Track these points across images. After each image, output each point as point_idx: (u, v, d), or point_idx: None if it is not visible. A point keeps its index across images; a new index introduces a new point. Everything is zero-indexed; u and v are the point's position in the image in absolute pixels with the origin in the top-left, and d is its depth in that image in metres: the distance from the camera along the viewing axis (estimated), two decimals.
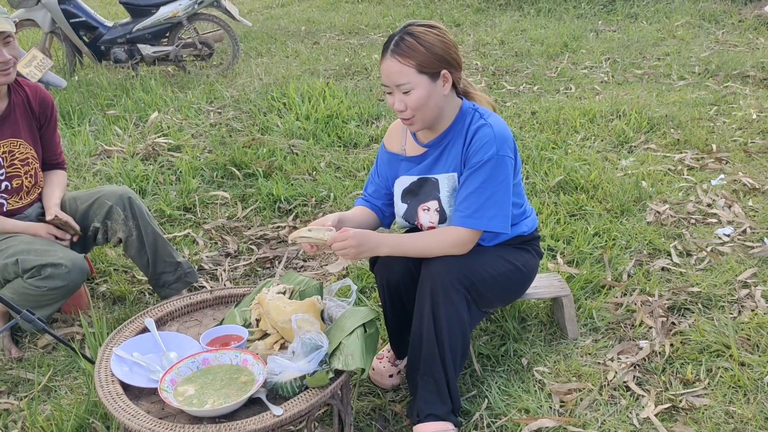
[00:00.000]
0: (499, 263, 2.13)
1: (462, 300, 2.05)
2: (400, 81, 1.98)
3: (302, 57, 6.73)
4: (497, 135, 2.02)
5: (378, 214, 2.32)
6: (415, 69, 1.96)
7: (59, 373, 2.47)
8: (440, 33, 2.01)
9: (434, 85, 2.00)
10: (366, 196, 2.35)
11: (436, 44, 1.98)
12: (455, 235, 2.05)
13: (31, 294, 2.44)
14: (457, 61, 2.04)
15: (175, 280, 2.79)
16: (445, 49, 2.00)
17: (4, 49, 2.47)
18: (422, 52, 1.96)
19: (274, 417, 1.73)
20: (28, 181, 2.70)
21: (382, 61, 2.02)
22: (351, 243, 1.98)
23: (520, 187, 2.23)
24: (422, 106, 2.00)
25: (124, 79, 5.92)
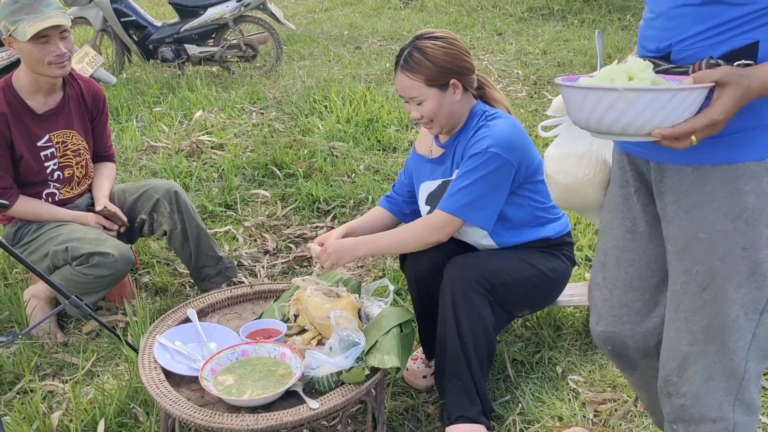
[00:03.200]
0: (523, 267, 2.14)
1: (484, 302, 2.06)
2: (412, 94, 2.10)
3: (344, 61, 6.80)
4: (493, 135, 2.06)
5: (397, 214, 2.38)
6: (423, 83, 2.06)
7: (102, 359, 2.55)
8: (446, 44, 2.08)
9: (444, 95, 2.09)
10: (391, 193, 2.44)
11: (443, 57, 2.06)
12: (429, 220, 2.11)
13: (79, 281, 2.52)
14: (465, 68, 2.11)
15: (215, 274, 2.85)
16: (451, 60, 2.07)
17: (60, 42, 2.56)
18: (429, 67, 2.05)
19: (311, 410, 1.77)
20: (79, 172, 2.79)
21: (395, 75, 2.14)
22: (329, 254, 2.14)
23: (544, 185, 2.21)
24: (436, 114, 2.10)
25: (171, 78, 6.06)
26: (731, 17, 1.20)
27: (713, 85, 1.14)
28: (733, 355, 1.35)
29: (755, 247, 1.28)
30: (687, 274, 1.36)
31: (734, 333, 1.33)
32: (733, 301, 1.32)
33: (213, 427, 1.72)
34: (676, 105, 1.10)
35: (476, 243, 2.20)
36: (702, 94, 1.12)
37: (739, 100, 1.14)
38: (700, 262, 1.33)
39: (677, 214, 1.36)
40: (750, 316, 1.32)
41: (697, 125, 1.14)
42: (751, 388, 1.39)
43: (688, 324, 1.38)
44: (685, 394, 1.41)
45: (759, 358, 1.37)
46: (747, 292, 1.31)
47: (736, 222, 1.27)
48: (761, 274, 1.29)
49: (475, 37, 7.85)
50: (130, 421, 2.18)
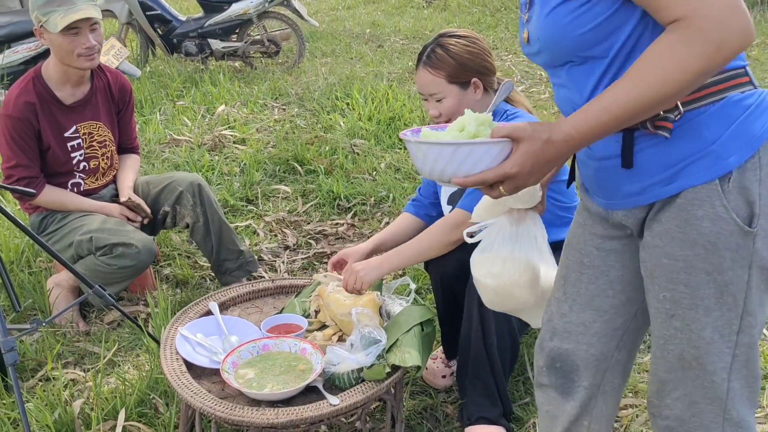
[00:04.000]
0: None
1: None
2: (432, 91, 2.10)
3: (366, 59, 6.80)
4: None
5: (423, 218, 2.37)
6: (445, 80, 2.07)
7: (123, 349, 2.57)
8: (470, 43, 2.09)
9: (465, 93, 2.09)
10: (417, 196, 2.42)
11: (465, 55, 2.07)
12: (447, 219, 2.08)
13: (102, 271, 2.54)
14: (487, 68, 2.11)
15: (236, 268, 2.86)
16: (473, 59, 2.07)
17: (90, 35, 2.59)
18: (451, 64, 2.06)
19: (331, 406, 1.77)
20: (104, 163, 2.82)
21: (417, 72, 2.14)
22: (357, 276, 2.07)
23: (565, 185, 2.19)
24: (455, 112, 2.09)
25: (194, 72, 6.09)
26: (603, 70, 1.21)
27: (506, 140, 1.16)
28: (714, 377, 1.31)
29: (719, 270, 1.23)
30: (656, 300, 1.33)
31: (712, 356, 1.29)
32: (705, 325, 1.28)
33: (233, 420, 1.73)
34: (463, 158, 1.15)
35: None
36: (492, 148, 1.15)
37: (538, 154, 1.14)
38: (665, 288, 1.29)
39: (645, 239, 1.32)
40: (726, 338, 1.28)
41: (487, 177, 1.17)
42: (738, 406, 1.35)
43: (663, 352, 1.35)
44: (668, 417, 1.39)
45: (745, 378, 1.33)
46: (719, 315, 1.27)
47: (694, 248, 1.23)
48: (729, 295, 1.25)
49: (498, 37, 7.81)
50: (150, 411, 2.20)
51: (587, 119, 1.12)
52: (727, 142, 1.18)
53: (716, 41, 1.04)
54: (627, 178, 1.28)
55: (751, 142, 1.18)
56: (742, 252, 1.22)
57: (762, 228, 1.21)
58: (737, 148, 1.18)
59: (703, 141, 1.19)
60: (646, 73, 1.08)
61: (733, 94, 1.20)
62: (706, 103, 1.19)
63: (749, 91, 1.22)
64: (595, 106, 1.12)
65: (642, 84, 1.09)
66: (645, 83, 1.08)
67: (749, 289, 1.25)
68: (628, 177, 1.27)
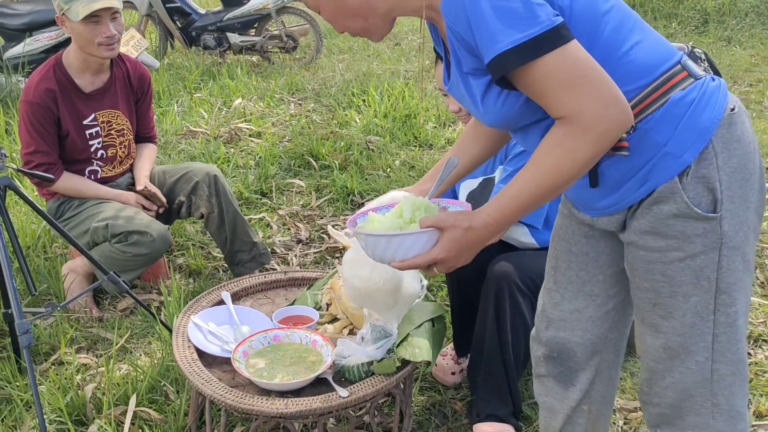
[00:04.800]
0: None
1: (527, 302, 2.05)
2: None
3: (383, 57, 6.80)
4: None
5: None
6: None
7: (136, 336, 2.59)
8: None
9: None
10: None
11: None
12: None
13: (117, 258, 2.57)
14: None
15: (249, 259, 2.88)
16: None
17: (111, 24, 2.61)
18: None
19: (340, 398, 1.77)
20: (122, 151, 2.84)
21: (436, 67, 2.11)
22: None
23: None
24: None
25: (212, 65, 6.12)
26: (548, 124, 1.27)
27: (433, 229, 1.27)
28: (696, 357, 1.38)
29: (691, 256, 1.30)
30: (639, 290, 1.40)
31: (695, 338, 1.36)
32: (685, 311, 1.35)
33: (243, 409, 1.74)
34: (396, 246, 1.27)
35: (516, 241, 2.19)
36: (420, 237, 1.27)
37: (460, 240, 1.26)
38: (645, 279, 1.36)
39: (624, 235, 1.39)
40: (705, 318, 1.35)
41: (419, 262, 1.28)
42: (728, 393, 1.40)
43: (651, 340, 1.42)
44: (659, 404, 1.45)
45: (730, 363, 1.39)
46: (698, 300, 1.34)
47: (667, 239, 1.31)
48: (705, 278, 1.32)
49: None
50: (161, 398, 2.21)
51: (500, 207, 1.25)
52: (677, 140, 1.26)
53: (598, 132, 1.16)
54: (599, 194, 1.36)
55: (702, 135, 1.26)
56: (711, 236, 1.29)
57: (727, 210, 1.28)
58: (689, 144, 1.26)
59: (657, 145, 1.26)
60: (542, 165, 1.20)
61: (674, 94, 1.27)
62: (651, 110, 1.26)
63: (690, 86, 1.28)
64: (506, 195, 1.24)
65: (539, 174, 1.21)
66: (542, 173, 1.20)
67: (720, 269, 1.32)
68: (599, 193, 1.35)
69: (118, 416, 2.13)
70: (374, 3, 1.33)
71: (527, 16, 1.14)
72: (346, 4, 1.33)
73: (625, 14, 1.31)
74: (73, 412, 2.15)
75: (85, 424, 2.14)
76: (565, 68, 1.15)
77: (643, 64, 1.27)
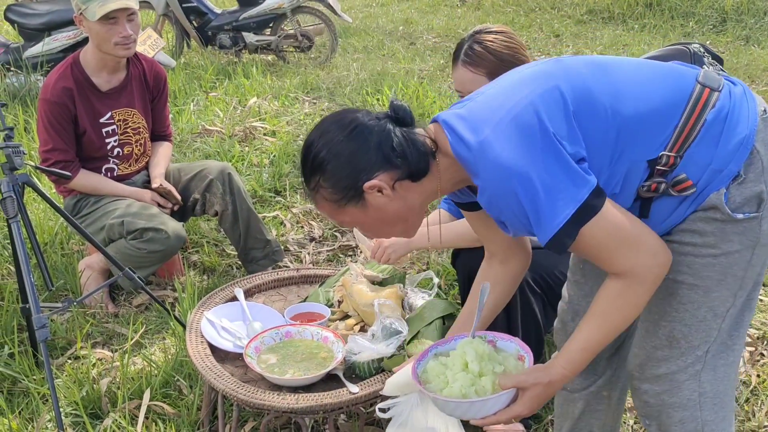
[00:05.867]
0: None
1: (538, 301, 2.05)
2: (472, 88, 2.05)
3: (398, 56, 6.81)
4: None
5: (455, 214, 2.36)
6: (486, 77, 2.04)
7: (150, 332, 2.62)
8: (507, 38, 2.07)
9: None
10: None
11: (504, 51, 2.05)
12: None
13: (132, 255, 2.60)
14: (524, 62, 2.09)
15: (262, 257, 2.90)
16: (512, 54, 2.06)
17: (127, 24, 2.64)
18: (491, 60, 2.04)
19: (350, 394, 1.79)
20: (137, 149, 2.87)
21: (454, 69, 2.11)
22: (385, 248, 2.22)
23: None
24: None
25: (227, 64, 6.17)
26: None
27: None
28: (698, 351, 1.40)
29: (726, 253, 1.33)
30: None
31: (701, 332, 1.39)
32: (700, 305, 1.37)
33: (255, 403, 1.76)
34: (478, 409, 1.34)
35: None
36: (500, 398, 1.34)
37: (541, 395, 1.35)
38: (670, 269, 1.36)
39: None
40: (719, 315, 1.38)
41: (501, 418, 1.35)
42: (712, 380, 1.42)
43: (654, 327, 1.44)
44: (647, 392, 1.47)
45: (719, 352, 1.42)
46: (717, 296, 1.36)
47: (704, 237, 1.33)
48: (731, 276, 1.34)
49: (532, 38, 7.76)
50: (175, 392, 2.24)
51: (572, 360, 1.35)
52: (721, 156, 1.29)
53: (652, 281, 1.29)
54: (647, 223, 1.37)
55: (744, 144, 1.29)
56: (750, 234, 1.32)
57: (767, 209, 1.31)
58: (733, 155, 1.29)
59: (703, 166, 1.30)
60: (608, 316, 1.32)
61: (708, 115, 1.30)
62: (692, 138, 1.29)
63: (717, 101, 1.31)
64: (575, 347, 1.35)
65: (606, 325, 1.33)
66: (609, 324, 1.33)
67: (749, 267, 1.35)
68: (648, 223, 1.37)
69: (132, 410, 2.16)
70: (411, 202, 1.38)
71: (561, 194, 1.23)
72: (387, 214, 1.37)
73: (614, 78, 1.33)
74: (88, 405, 2.19)
75: (100, 417, 2.17)
76: (607, 233, 1.27)
77: (664, 106, 1.31)
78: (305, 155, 1.38)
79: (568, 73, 1.33)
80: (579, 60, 1.38)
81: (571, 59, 1.38)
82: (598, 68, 1.35)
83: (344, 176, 1.33)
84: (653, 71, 1.37)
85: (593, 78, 1.32)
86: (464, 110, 1.35)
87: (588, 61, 1.37)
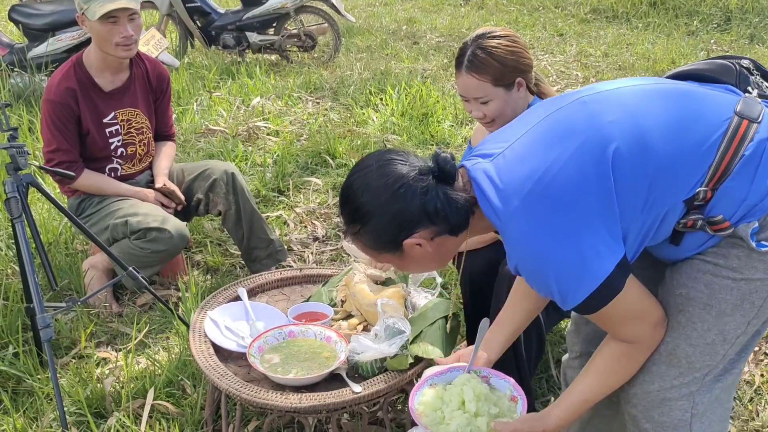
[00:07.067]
0: None
1: None
2: (478, 95, 2.07)
3: (402, 56, 6.81)
4: None
5: None
6: (491, 83, 2.03)
7: (154, 331, 2.63)
8: (510, 42, 2.05)
9: (510, 94, 2.06)
10: None
11: (509, 56, 2.03)
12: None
13: (135, 254, 2.60)
14: (529, 65, 2.09)
15: (266, 256, 2.91)
16: (516, 58, 2.05)
17: (128, 25, 2.64)
18: (496, 67, 2.02)
19: (353, 393, 1.79)
20: (141, 149, 2.88)
21: (458, 75, 2.10)
22: None
23: None
24: (500, 114, 2.07)
25: (231, 64, 6.17)
26: None
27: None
28: (696, 373, 1.39)
29: (747, 280, 1.30)
30: (670, 294, 1.40)
31: (705, 355, 1.37)
32: (710, 326, 1.35)
33: (258, 403, 1.77)
34: None
35: None
36: None
37: None
38: (684, 285, 1.36)
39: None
40: (728, 340, 1.35)
41: None
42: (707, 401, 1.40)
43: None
44: (636, 405, 1.46)
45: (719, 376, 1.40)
46: (730, 320, 1.33)
47: (728, 260, 1.31)
48: (749, 302, 1.31)
49: (536, 37, 7.75)
50: (178, 392, 2.25)
51: (568, 410, 1.42)
52: (756, 191, 1.27)
53: (650, 347, 1.39)
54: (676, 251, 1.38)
55: None
56: None
57: None
58: (766, 190, 1.26)
59: (737, 201, 1.27)
60: (607, 376, 1.40)
61: (745, 149, 1.26)
62: (729, 172, 1.27)
63: (755, 134, 1.27)
64: (572, 399, 1.43)
65: (604, 382, 1.41)
66: (607, 382, 1.41)
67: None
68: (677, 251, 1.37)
69: (136, 409, 2.17)
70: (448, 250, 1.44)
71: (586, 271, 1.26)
72: (424, 261, 1.44)
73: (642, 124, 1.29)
74: (92, 404, 2.19)
75: (104, 416, 2.18)
76: (621, 310, 1.31)
77: (698, 148, 1.27)
78: (346, 201, 1.41)
79: (594, 125, 1.30)
80: (605, 101, 1.34)
81: (597, 101, 1.34)
82: (625, 112, 1.30)
83: (386, 233, 1.37)
84: (686, 107, 1.32)
85: (619, 128, 1.28)
86: (494, 167, 1.33)
87: (615, 102, 1.33)
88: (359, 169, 1.40)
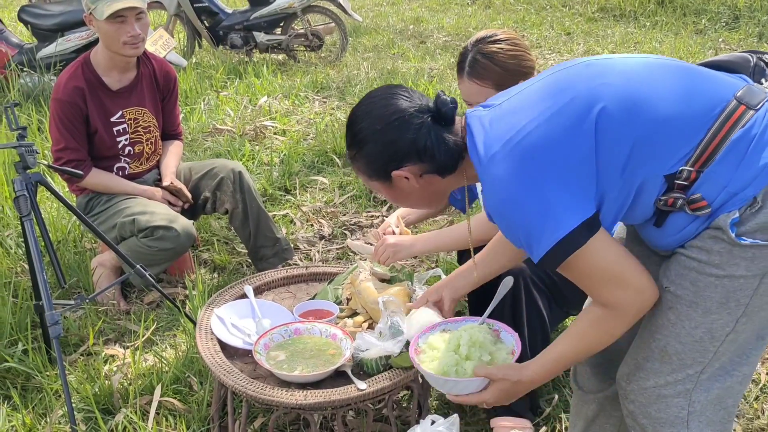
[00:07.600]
0: None
1: (543, 298, 2.05)
2: (480, 100, 2.04)
3: (408, 55, 6.81)
4: None
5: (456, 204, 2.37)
6: (493, 88, 2.03)
7: (161, 329, 2.65)
8: (511, 45, 2.05)
9: None
10: None
11: (510, 61, 2.04)
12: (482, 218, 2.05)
13: (143, 253, 2.62)
14: (531, 67, 2.09)
15: (272, 255, 2.92)
16: (518, 62, 2.05)
17: (136, 24, 2.66)
18: (498, 72, 2.03)
19: (358, 390, 1.80)
20: (148, 148, 2.90)
21: (460, 81, 2.10)
22: (387, 249, 2.17)
23: None
24: None
25: (238, 64, 6.20)
26: None
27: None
28: (689, 370, 1.38)
29: (730, 276, 1.29)
30: (660, 291, 1.39)
31: (695, 352, 1.36)
32: (698, 324, 1.34)
33: (264, 400, 1.78)
34: (451, 386, 1.51)
35: None
36: (471, 383, 1.49)
37: (508, 390, 1.46)
38: (672, 282, 1.36)
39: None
40: (717, 338, 1.34)
41: (470, 400, 1.50)
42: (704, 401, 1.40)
43: (648, 339, 1.42)
44: (634, 401, 1.46)
45: (716, 375, 1.38)
46: (717, 318, 1.32)
47: (710, 255, 1.30)
48: (734, 300, 1.30)
49: (543, 36, 7.74)
50: (185, 389, 2.27)
51: (544, 367, 1.44)
52: (738, 179, 1.25)
53: (633, 315, 1.34)
54: (660, 234, 1.37)
55: (766, 171, 1.24)
56: (759, 262, 1.27)
57: None
58: (750, 180, 1.24)
59: (719, 186, 1.26)
60: (584, 337, 1.39)
61: (735, 134, 1.25)
62: (715, 157, 1.26)
63: (750, 121, 1.25)
64: (549, 357, 1.44)
65: (581, 345, 1.40)
66: (583, 344, 1.40)
67: (755, 295, 1.30)
68: (661, 233, 1.37)
69: (143, 406, 2.19)
70: (434, 190, 1.49)
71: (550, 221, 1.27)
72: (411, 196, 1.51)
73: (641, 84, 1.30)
74: (100, 401, 2.21)
75: (112, 413, 2.20)
76: (591, 267, 1.30)
77: (690, 117, 1.27)
78: (349, 126, 1.48)
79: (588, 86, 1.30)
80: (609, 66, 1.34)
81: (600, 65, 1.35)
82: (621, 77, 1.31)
83: (377, 159, 1.44)
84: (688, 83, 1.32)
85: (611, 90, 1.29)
86: (489, 116, 1.37)
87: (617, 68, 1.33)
88: (368, 97, 1.47)
